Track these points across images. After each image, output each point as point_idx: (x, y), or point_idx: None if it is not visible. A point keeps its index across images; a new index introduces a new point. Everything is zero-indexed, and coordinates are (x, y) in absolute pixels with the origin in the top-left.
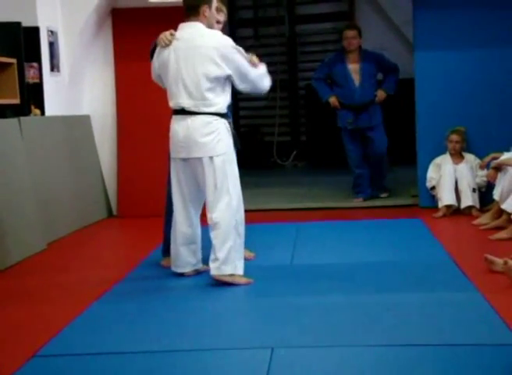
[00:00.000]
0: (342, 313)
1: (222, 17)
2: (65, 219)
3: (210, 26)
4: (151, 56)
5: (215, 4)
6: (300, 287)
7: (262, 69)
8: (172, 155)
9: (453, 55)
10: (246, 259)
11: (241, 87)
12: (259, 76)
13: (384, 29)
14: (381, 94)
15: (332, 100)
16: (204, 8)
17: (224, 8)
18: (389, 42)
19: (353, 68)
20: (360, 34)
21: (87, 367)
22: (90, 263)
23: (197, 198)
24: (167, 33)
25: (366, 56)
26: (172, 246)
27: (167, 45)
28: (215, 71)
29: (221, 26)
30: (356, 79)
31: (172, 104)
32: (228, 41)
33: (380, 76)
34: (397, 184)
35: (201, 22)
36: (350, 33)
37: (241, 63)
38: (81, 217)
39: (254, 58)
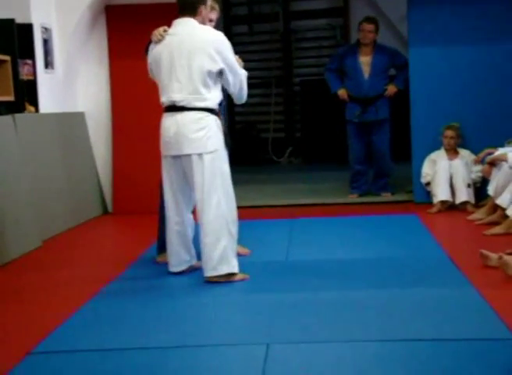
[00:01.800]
0: (337, 309)
1: (214, 15)
2: (60, 216)
3: (203, 24)
4: (146, 53)
5: (209, 2)
6: (295, 283)
7: (244, 72)
8: (163, 152)
9: (447, 51)
10: (241, 256)
11: (232, 86)
12: (244, 78)
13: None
14: (391, 89)
15: (341, 92)
16: (202, 8)
17: (217, 6)
18: (383, 38)
19: (365, 61)
20: (377, 29)
21: (82, 364)
22: (86, 261)
23: (188, 195)
24: (160, 29)
25: (379, 50)
26: (168, 246)
27: (160, 41)
28: (209, 65)
29: (213, 24)
30: (366, 71)
31: (163, 99)
32: (221, 36)
33: (393, 71)
34: (392, 180)
35: (196, 20)
36: (368, 26)
37: (232, 61)
38: (76, 214)
39: (240, 60)
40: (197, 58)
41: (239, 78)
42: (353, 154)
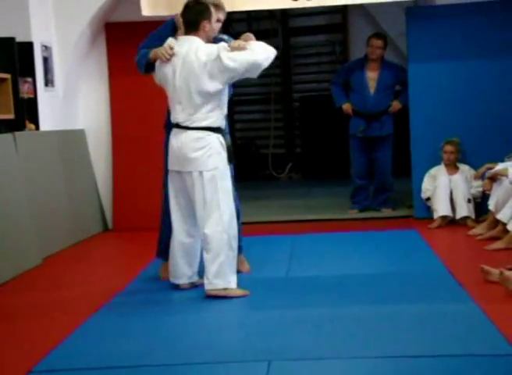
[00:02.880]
0: (338, 325)
1: (222, 15)
2: (61, 233)
3: (209, 39)
4: (140, 65)
5: (215, 17)
6: (295, 299)
7: (253, 47)
8: (169, 167)
9: (446, 66)
10: (242, 273)
11: (251, 75)
12: (259, 55)
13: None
14: (395, 105)
15: (346, 107)
16: (205, 24)
17: (223, 5)
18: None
19: (371, 76)
20: (385, 45)
21: None
22: (87, 278)
23: (193, 209)
24: (166, 47)
25: (386, 66)
26: (171, 257)
27: (168, 60)
28: (208, 86)
29: (220, 24)
30: (372, 87)
31: (171, 117)
32: (214, 53)
33: (398, 87)
34: (393, 195)
35: (200, 36)
36: (377, 42)
37: (234, 65)
38: (77, 232)
39: (235, 44)
40: (195, 81)
41: (251, 63)
42: (356, 169)
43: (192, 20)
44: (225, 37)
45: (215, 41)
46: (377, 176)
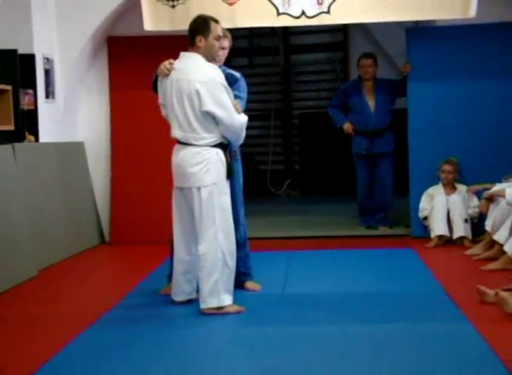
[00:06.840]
0: (333, 343)
1: (226, 43)
2: (58, 245)
3: (209, 57)
4: (153, 86)
5: (214, 34)
6: (291, 316)
7: (244, 118)
8: (174, 183)
9: (445, 86)
10: (251, 291)
11: (222, 130)
12: (240, 124)
13: (378, 60)
14: (406, 66)
15: (346, 126)
16: (199, 38)
17: (228, 34)
18: (382, 73)
19: (369, 95)
20: (376, 63)
21: None
22: (82, 291)
23: (195, 226)
24: (166, 62)
25: (380, 83)
26: (173, 274)
27: (167, 75)
28: (199, 105)
29: (226, 52)
30: (372, 105)
31: (171, 133)
32: (218, 78)
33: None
34: (390, 214)
35: (198, 52)
36: (367, 61)
37: (223, 102)
38: (74, 244)
39: (238, 106)
40: (190, 100)
41: (231, 124)
42: (362, 187)
43: (189, 35)
44: (237, 75)
45: (226, 76)
46: (377, 192)
